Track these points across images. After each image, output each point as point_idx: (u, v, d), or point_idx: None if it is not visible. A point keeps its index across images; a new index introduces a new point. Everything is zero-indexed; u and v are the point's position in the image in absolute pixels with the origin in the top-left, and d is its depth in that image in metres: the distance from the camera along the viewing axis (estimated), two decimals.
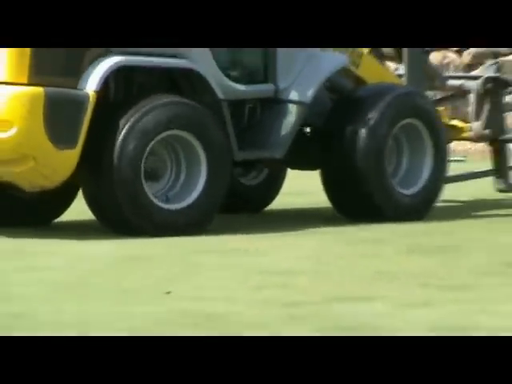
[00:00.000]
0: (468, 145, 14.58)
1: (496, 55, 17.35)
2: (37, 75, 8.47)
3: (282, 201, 11.21)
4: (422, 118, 9.71)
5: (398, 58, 11.15)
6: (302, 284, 8.19)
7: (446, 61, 17.24)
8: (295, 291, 7.90)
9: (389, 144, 9.70)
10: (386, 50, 11.08)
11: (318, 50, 9.64)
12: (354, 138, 9.44)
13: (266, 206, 10.65)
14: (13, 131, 8.37)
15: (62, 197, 9.50)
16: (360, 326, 6.69)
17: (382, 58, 11.24)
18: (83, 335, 5.55)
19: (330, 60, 9.71)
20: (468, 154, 17.61)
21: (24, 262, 8.78)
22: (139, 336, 5.48)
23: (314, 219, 10.62)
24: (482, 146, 13.35)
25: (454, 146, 14.62)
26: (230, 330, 6.54)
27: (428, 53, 11.57)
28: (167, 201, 9.19)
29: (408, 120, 9.66)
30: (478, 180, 12.76)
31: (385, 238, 9.80)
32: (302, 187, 11.77)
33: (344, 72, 9.97)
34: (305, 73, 9.44)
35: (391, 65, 13.73)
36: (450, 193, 12.40)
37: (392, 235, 9.98)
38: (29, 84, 8.54)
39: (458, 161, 14.78)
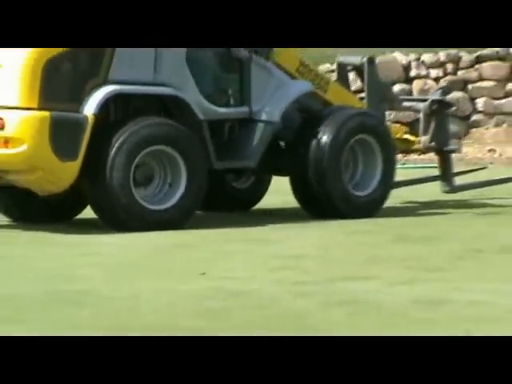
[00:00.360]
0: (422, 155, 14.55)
1: (466, 82, 17.52)
2: (45, 101, 8.50)
3: (271, 200, 11.19)
4: (372, 134, 9.76)
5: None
6: (309, 266, 8.30)
7: (426, 87, 17.09)
8: (304, 272, 8.06)
9: (344, 155, 9.70)
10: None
11: (287, 78, 9.62)
12: (316, 150, 9.46)
13: (254, 205, 10.67)
14: (23, 147, 8.43)
15: (79, 198, 9.54)
16: (356, 300, 6.91)
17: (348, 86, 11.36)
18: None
19: (295, 87, 9.74)
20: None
21: (81, 250, 8.87)
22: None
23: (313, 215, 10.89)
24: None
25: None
26: (252, 303, 6.79)
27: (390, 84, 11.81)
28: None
29: (360, 135, 9.71)
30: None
31: (376, 230, 9.91)
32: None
33: (313, 96, 9.96)
34: (274, 98, 9.50)
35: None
36: (425, 193, 12.31)
37: (382, 227, 10.07)
38: (38, 109, 8.57)
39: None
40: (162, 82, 8.99)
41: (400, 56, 17.38)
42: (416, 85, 17.49)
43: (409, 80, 17.35)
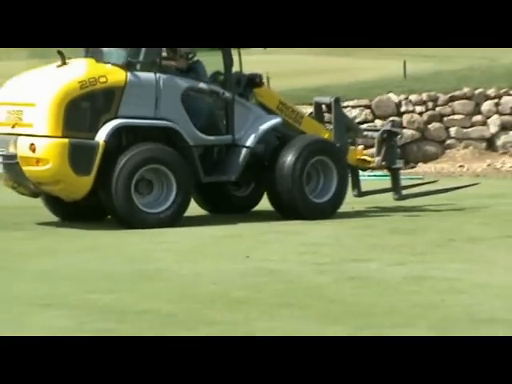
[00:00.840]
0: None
1: (442, 116, 17.53)
2: (67, 131, 8.69)
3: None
4: (329, 156, 9.87)
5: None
6: (326, 251, 8.44)
7: (412, 119, 17.09)
8: (322, 255, 8.20)
9: (306, 171, 9.75)
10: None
11: (263, 113, 9.68)
12: (283, 167, 9.59)
13: (252, 209, 10.47)
14: (49, 165, 8.72)
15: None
16: (361, 276, 7.22)
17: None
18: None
19: (268, 120, 9.74)
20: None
21: (153, 239, 8.92)
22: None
23: None
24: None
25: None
26: (284, 279, 7.07)
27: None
28: None
29: (320, 157, 9.78)
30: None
31: (374, 225, 10.01)
32: None
33: (289, 126, 10.04)
34: (251, 128, 9.57)
35: None
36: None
37: (379, 223, 10.17)
38: (61, 137, 8.69)
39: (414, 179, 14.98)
40: (161, 116, 9.05)
41: (393, 96, 17.57)
42: (405, 118, 17.56)
43: (400, 114, 17.51)
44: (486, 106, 17.42)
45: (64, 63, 8.98)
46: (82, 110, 8.77)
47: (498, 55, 20.76)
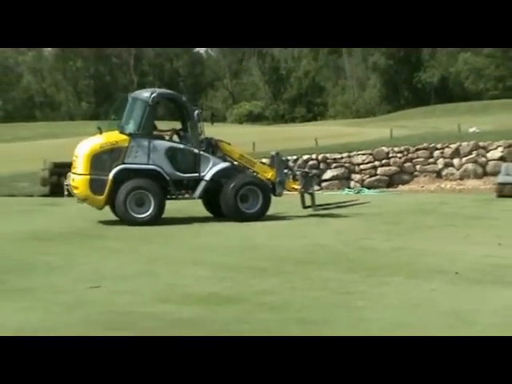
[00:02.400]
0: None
1: (412, 159, 26.69)
2: (92, 171, 11.86)
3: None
4: (257, 186, 12.29)
5: None
6: (346, 233, 10.68)
7: (396, 161, 27.34)
8: (344, 235, 10.39)
9: (239, 195, 12.06)
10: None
11: (219, 161, 12.24)
12: (227, 191, 12.11)
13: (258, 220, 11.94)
14: (79, 190, 12.09)
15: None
16: (366, 248, 9.31)
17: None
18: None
19: (220, 164, 12.25)
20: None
21: (247, 227, 11.12)
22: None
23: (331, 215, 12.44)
24: None
25: None
26: (326, 251, 8.99)
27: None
28: None
29: (250, 186, 12.23)
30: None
31: (371, 219, 12.02)
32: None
33: (245, 167, 12.60)
34: (210, 169, 12.17)
35: None
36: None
37: (373, 218, 12.20)
38: (87, 175, 11.92)
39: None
40: (151, 163, 11.80)
41: (385, 148, 25.54)
42: (392, 160, 25.74)
43: (388, 158, 25.38)
44: (436, 153, 25.48)
45: (100, 133, 12.06)
46: (101, 160, 11.74)
47: (441, 125, 29.64)
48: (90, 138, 12.28)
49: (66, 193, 15.10)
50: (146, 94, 12.21)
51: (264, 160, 13.77)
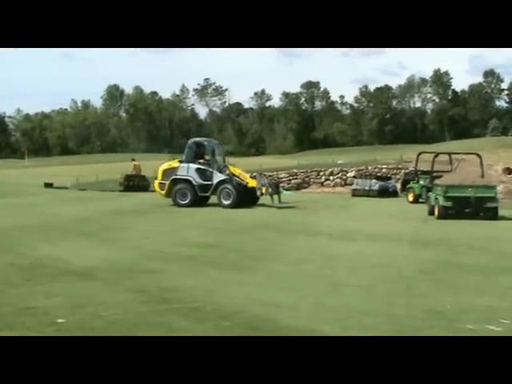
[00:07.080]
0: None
1: (392, 175, 29.98)
2: (163, 179, 17.75)
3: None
4: (232, 186, 17.24)
5: None
6: (360, 216, 13.77)
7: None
8: (360, 219, 13.08)
9: (220, 192, 17.56)
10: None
11: (222, 176, 17.87)
12: (217, 190, 17.52)
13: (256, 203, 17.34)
14: (156, 189, 18.98)
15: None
16: (289, 220, 12.94)
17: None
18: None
19: (221, 177, 17.68)
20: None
21: (268, 209, 13.68)
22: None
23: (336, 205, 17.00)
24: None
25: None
26: (339, 227, 11.24)
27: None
28: None
29: (225, 185, 17.39)
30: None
31: (290, 207, 15.96)
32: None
33: (242, 180, 17.81)
34: (218, 179, 17.59)
35: None
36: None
37: (291, 205, 16.43)
38: (159, 181, 18.36)
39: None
40: (187, 175, 17.49)
41: (295, 169, 31.10)
42: (299, 177, 31.56)
43: (297, 175, 31.53)
44: (321, 173, 33.17)
45: (173, 159, 18.18)
46: (166, 174, 17.61)
47: (324, 159, 38.62)
48: (164, 163, 18.93)
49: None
50: (189, 140, 18.71)
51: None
